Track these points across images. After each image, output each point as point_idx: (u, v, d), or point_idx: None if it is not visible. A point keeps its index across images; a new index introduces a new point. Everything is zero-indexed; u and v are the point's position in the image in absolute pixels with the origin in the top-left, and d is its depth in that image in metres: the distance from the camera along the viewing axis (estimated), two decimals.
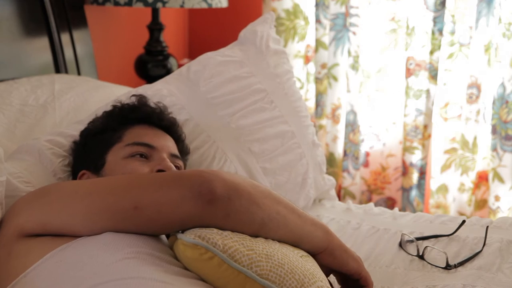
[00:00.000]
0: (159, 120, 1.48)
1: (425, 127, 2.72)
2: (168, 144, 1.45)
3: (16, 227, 1.18)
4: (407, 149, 2.74)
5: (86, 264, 1.08)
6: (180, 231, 1.13)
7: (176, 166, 1.40)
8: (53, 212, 1.16)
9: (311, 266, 1.19)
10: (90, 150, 1.44)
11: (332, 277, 1.32)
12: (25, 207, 1.19)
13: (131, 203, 1.12)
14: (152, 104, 1.51)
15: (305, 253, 1.23)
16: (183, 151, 1.53)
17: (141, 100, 1.51)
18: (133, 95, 1.53)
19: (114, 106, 1.51)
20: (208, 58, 1.76)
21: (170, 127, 1.51)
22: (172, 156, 1.42)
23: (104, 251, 1.09)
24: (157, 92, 1.66)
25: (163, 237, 1.21)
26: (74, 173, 1.46)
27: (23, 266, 1.12)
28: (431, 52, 2.65)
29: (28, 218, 1.17)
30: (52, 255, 1.11)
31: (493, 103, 2.53)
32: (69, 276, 1.07)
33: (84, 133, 1.49)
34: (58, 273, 1.08)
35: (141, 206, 1.12)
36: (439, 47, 2.63)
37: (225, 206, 1.12)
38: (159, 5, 2.35)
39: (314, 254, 1.25)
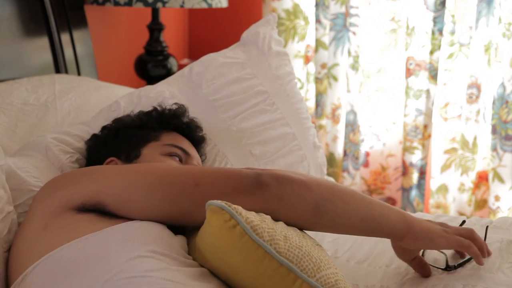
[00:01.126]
0: (193, 133, 1.55)
1: (425, 127, 2.72)
2: (198, 156, 1.51)
3: (62, 198, 1.19)
4: (407, 149, 2.75)
5: (103, 258, 1.09)
6: None
7: None
8: (109, 182, 1.19)
9: (326, 254, 1.20)
10: (124, 140, 1.47)
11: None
12: (71, 181, 1.21)
13: (193, 180, 1.18)
14: (190, 116, 1.58)
15: (319, 243, 1.24)
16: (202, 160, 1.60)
17: (182, 110, 1.57)
18: (175, 103, 1.59)
19: (155, 108, 1.55)
20: (210, 59, 1.76)
21: (200, 143, 1.58)
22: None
23: (123, 246, 1.10)
24: (160, 95, 1.66)
25: (182, 240, 1.22)
26: (96, 159, 1.48)
27: (54, 243, 1.13)
28: (431, 52, 2.65)
29: (79, 189, 1.19)
30: (76, 242, 1.12)
31: (493, 103, 2.53)
32: (86, 269, 1.08)
33: (118, 124, 1.53)
34: (76, 263, 1.09)
35: (202, 183, 1.18)
36: (439, 47, 2.63)
37: (277, 191, 1.18)
38: (159, 5, 2.35)
39: (397, 240, 1.30)
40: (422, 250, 1.50)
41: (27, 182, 1.37)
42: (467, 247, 1.32)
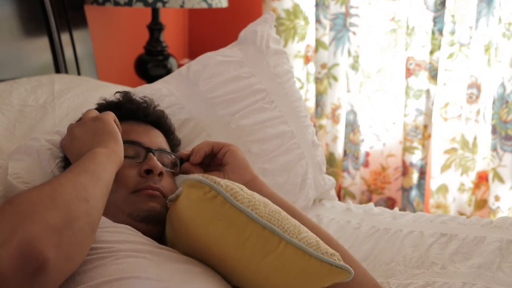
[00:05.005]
0: (145, 115, 1.46)
1: (425, 127, 2.72)
2: (156, 139, 1.42)
3: None
4: (407, 149, 2.75)
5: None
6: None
7: (163, 164, 1.38)
8: None
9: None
10: None
11: None
12: None
13: None
14: (137, 100, 1.49)
15: None
16: (174, 143, 1.51)
17: (126, 96, 1.48)
18: (117, 92, 1.51)
19: (99, 104, 1.48)
20: (208, 58, 1.76)
21: (157, 121, 1.48)
22: (161, 151, 1.40)
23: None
24: (157, 92, 1.66)
25: None
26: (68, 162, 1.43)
27: None
28: (431, 52, 2.65)
29: None
30: None
31: (493, 103, 2.53)
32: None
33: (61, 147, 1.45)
34: None
35: None
36: (439, 47, 2.63)
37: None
38: (159, 5, 2.35)
39: None
40: None
41: (17, 188, 1.35)
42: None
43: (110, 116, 1.28)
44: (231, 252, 1.13)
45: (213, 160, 1.43)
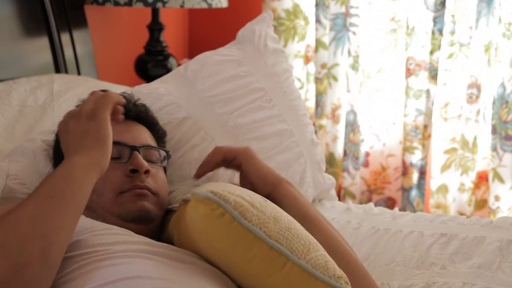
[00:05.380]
0: (126, 112, 1.39)
1: (425, 127, 2.72)
2: (139, 136, 1.38)
3: None
4: (407, 149, 2.74)
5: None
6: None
7: (150, 160, 1.35)
8: None
9: (313, 237, 1.19)
10: (60, 151, 1.35)
11: None
12: None
13: None
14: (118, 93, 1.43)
15: None
16: (159, 135, 1.48)
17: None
18: (93, 91, 1.43)
19: (77, 106, 1.40)
20: (206, 57, 1.76)
21: (139, 116, 1.44)
22: (146, 147, 1.37)
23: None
24: (154, 91, 1.65)
25: None
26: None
27: None
28: (431, 52, 2.65)
29: None
30: None
31: (493, 103, 2.53)
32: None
33: (56, 132, 1.41)
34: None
35: None
36: (439, 47, 2.63)
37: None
38: (159, 5, 2.35)
39: None
40: None
41: (14, 189, 1.35)
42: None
43: (106, 115, 1.22)
44: (236, 266, 1.12)
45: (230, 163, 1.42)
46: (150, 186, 1.30)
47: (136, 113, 1.44)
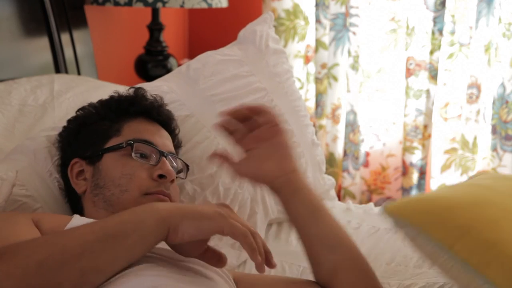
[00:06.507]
0: (158, 114, 1.44)
1: (425, 127, 2.72)
2: (167, 142, 1.40)
3: None
4: (407, 149, 2.74)
5: None
6: None
7: (173, 167, 1.37)
8: None
9: None
10: (85, 139, 1.39)
11: None
12: None
13: None
14: (150, 97, 1.46)
15: None
16: (176, 145, 1.50)
17: (140, 92, 1.45)
18: (131, 87, 1.48)
19: (112, 97, 1.45)
20: (208, 56, 1.77)
21: (167, 121, 1.46)
22: (171, 155, 1.39)
23: None
24: (157, 89, 1.65)
25: None
26: (65, 161, 1.42)
27: None
28: (431, 52, 2.65)
29: None
30: None
31: (493, 103, 2.53)
32: None
33: (77, 121, 1.44)
34: None
35: None
36: (439, 47, 2.63)
37: None
38: (159, 5, 2.35)
39: (165, 241, 1.07)
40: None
41: (12, 192, 1.35)
42: (241, 236, 1.04)
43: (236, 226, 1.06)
44: None
45: (253, 127, 1.25)
46: (171, 195, 1.31)
47: (166, 118, 1.46)
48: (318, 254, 1.21)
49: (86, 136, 1.39)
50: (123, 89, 1.50)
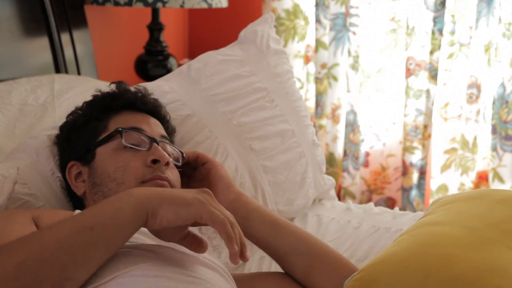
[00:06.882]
0: (143, 104, 1.43)
1: (425, 127, 2.72)
2: (156, 128, 1.39)
3: None
4: (407, 149, 2.75)
5: None
6: None
7: (167, 153, 1.34)
8: None
9: None
10: (76, 142, 1.39)
11: None
12: None
13: None
14: (132, 89, 1.46)
15: None
16: (169, 132, 1.48)
17: (121, 86, 1.44)
18: (112, 83, 1.47)
19: (95, 96, 1.45)
20: (209, 56, 1.77)
21: (154, 109, 1.45)
22: (162, 138, 1.38)
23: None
24: (158, 88, 1.65)
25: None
26: (62, 165, 1.42)
27: None
28: (431, 52, 2.65)
29: None
30: None
31: (493, 103, 2.53)
32: None
33: (67, 126, 1.45)
34: None
35: None
36: (439, 47, 2.63)
37: None
38: (159, 5, 2.35)
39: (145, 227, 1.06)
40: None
41: (15, 190, 1.35)
42: (219, 224, 1.04)
43: (215, 208, 1.08)
44: None
45: (195, 172, 1.42)
46: (170, 179, 1.29)
47: (152, 106, 1.45)
48: (289, 261, 1.29)
49: (77, 139, 1.39)
50: (105, 86, 1.49)
